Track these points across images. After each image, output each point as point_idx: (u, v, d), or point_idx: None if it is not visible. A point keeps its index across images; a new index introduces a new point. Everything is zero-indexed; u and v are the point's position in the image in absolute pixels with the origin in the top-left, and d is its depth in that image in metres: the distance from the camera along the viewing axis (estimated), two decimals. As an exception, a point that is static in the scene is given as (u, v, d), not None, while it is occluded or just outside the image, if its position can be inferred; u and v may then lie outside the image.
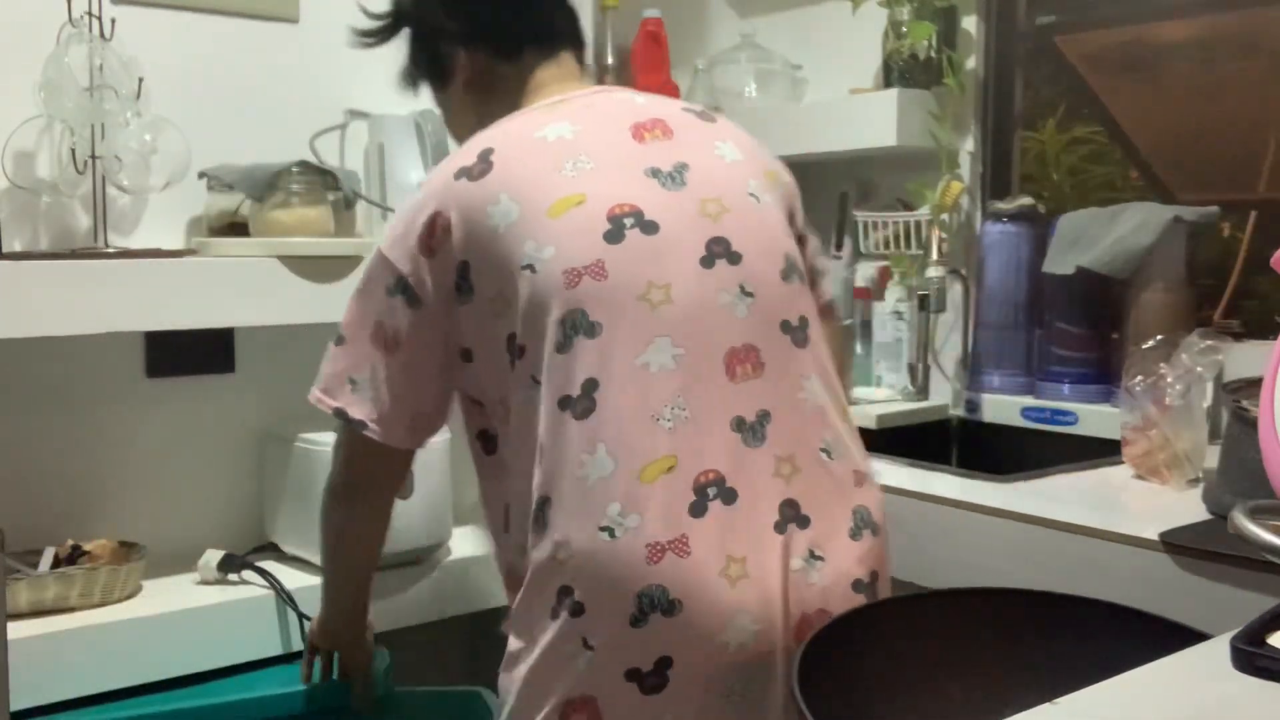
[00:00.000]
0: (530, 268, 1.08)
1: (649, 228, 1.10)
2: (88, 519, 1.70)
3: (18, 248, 1.62)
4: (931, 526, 1.37)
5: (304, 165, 1.71)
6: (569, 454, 1.05)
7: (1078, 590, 1.11)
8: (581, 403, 1.05)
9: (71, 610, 1.52)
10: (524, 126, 1.18)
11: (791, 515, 1.06)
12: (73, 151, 1.57)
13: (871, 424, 1.87)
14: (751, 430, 1.06)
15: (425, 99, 1.97)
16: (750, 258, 1.12)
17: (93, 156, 1.57)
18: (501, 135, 1.17)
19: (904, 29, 2.03)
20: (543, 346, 1.07)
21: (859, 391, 2.07)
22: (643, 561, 1.01)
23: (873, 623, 1.08)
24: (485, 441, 1.22)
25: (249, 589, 1.65)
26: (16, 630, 1.42)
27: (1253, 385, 1.16)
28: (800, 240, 1.23)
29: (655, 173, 1.14)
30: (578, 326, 1.06)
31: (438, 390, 1.21)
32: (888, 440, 1.82)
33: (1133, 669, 0.83)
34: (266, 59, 1.85)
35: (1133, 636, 1.00)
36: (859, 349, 2.17)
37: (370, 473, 1.28)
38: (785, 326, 1.12)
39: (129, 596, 1.59)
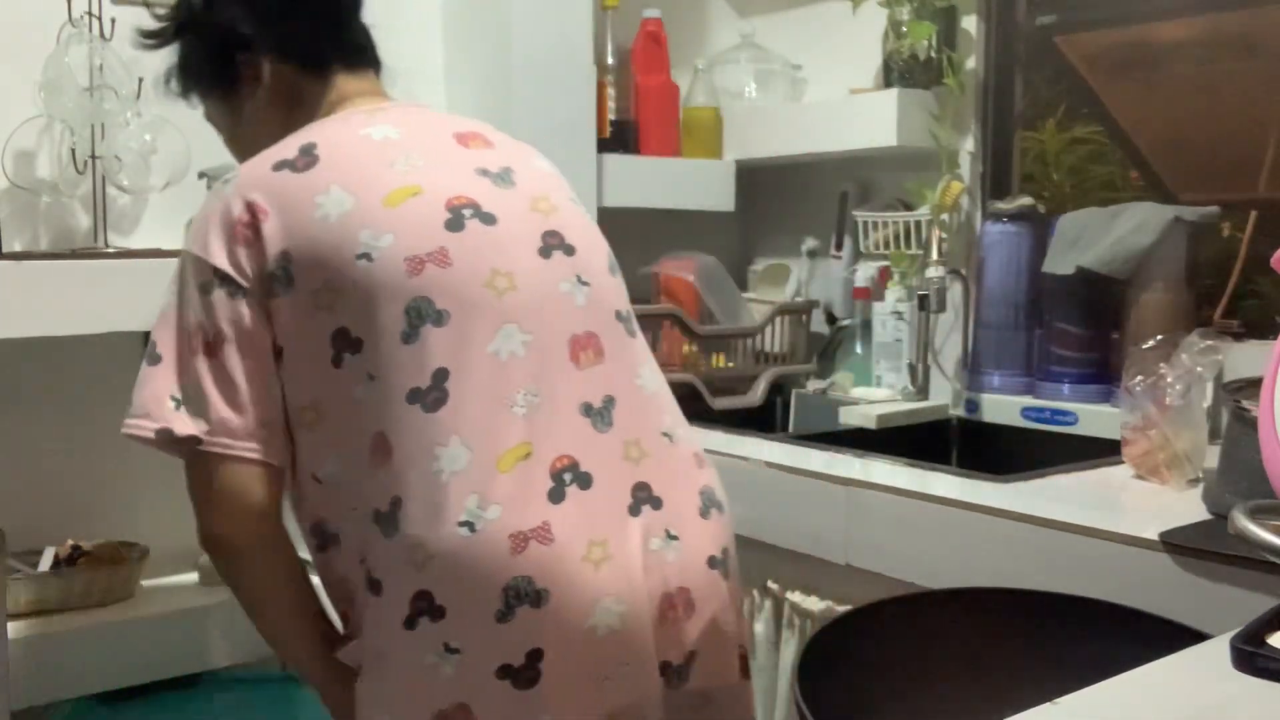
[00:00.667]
0: (366, 256, 1.05)
1: (487, 219, 1.10)
2: (88, 519, 1.70)
3: (18, 248, 1.62)
4: (931, 526, 1.37)
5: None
6: (420, 448, 1.01)
7: (1078, 590, 1.11)
8: (432, 394, 1.02)
9: (71, 610, 1.52)
10: (346, 126, 1.16)
11: (645, 497, 1.07)
12: (73, 151, 1.57)
13: (871, 424, 1.87)
14: (599, 415, 1.08)
15: (425, 99, 1.97)
16: (582, 250, 1.15)
17: (93, 156, 1.58)
18: (323, 132, 1.14)
19: (904, 29, 2.03)
20: (384, 339, 1.04)
21: (859, 391, 2.07)
22: (506, 553, 0.99)
23: (873, 623, 1.08)
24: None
25: (249, 589, 1.65)
26: (16, 630, 1.43)
27: (1253, 385, 1.15)
28: None
29: (485, 172, 1.15)
30: (424, 315, 1.04)
31: (279, 393, 1.09)
32: (887, 440, 1.82)
33: (1133, 669, 0.83)
34: (266, 59, 1.85)
35: (1133, 636, 1.01)
36: (859, 349, 2.17)
37: (230, 508, 1.08)
38: (618, 316, 1.15)
39: (129, 596, 1.59)
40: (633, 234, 2.23)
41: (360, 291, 1.05)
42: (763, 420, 2.17)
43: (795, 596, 1.56)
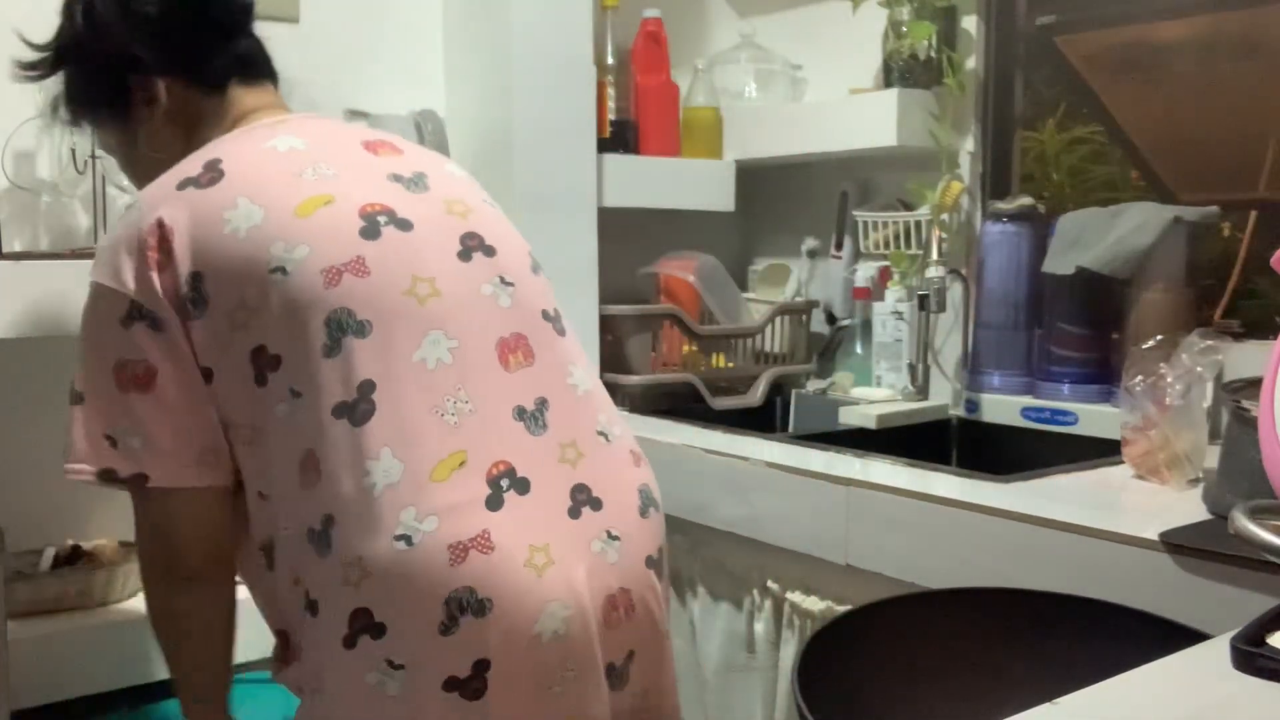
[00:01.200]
0: (281, 270, 1.02)
1: (403, 225, 1.08)
2: (88, 519, 1.70)
3: (18, 248, 1.62)
4: (931, 526, 1.37)
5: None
6: (350, 463, 0.99)
7: (1078, 590, 1.11)
8: (359, 407, 1.00)
9: (71, 610, 1.52)
10: (249, 140, 1.14)
11: (584, 499, 1.06)
12: (73, 151, 1.57)
13: (871, 424, 1.87)
14: (533, 418, 1.06)
15: (425, 99, 1.97)
16: (503, 251, 1.14)
17: (93, 156, 1.58)
18: (226, 147, 1.12)
19: (904, 29, 2.03)
20: (305, 354, 1.01)
21: (858, 391, 2.07)
22: (445, 565, 0.97)
23: (873, 623, 1.08)
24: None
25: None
26: (16, 630, 1.42)
27: (1253, 385, 1.15)
28: None
29: (397, 178, 1.13)
30: (345, 327, 1.01)
31: (214, 416, 1.06)
32: (887, 440, 1.82)
33: (1133, 669, 0.83)
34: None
35: (1133, 636, 1.01)
36: (859, 349, 2.17)
37: (185, 537, 1.08)
38: (545, 315, 1.14)
39: (129, 596, 1.59)
40: (633, 234, 2.24)
41: (276, 307, 1.02)
42: (763, 420, 2.17)
43: (795, 596, 1.56)
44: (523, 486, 1.02)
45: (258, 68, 1.25)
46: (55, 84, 1.29)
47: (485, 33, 1.91)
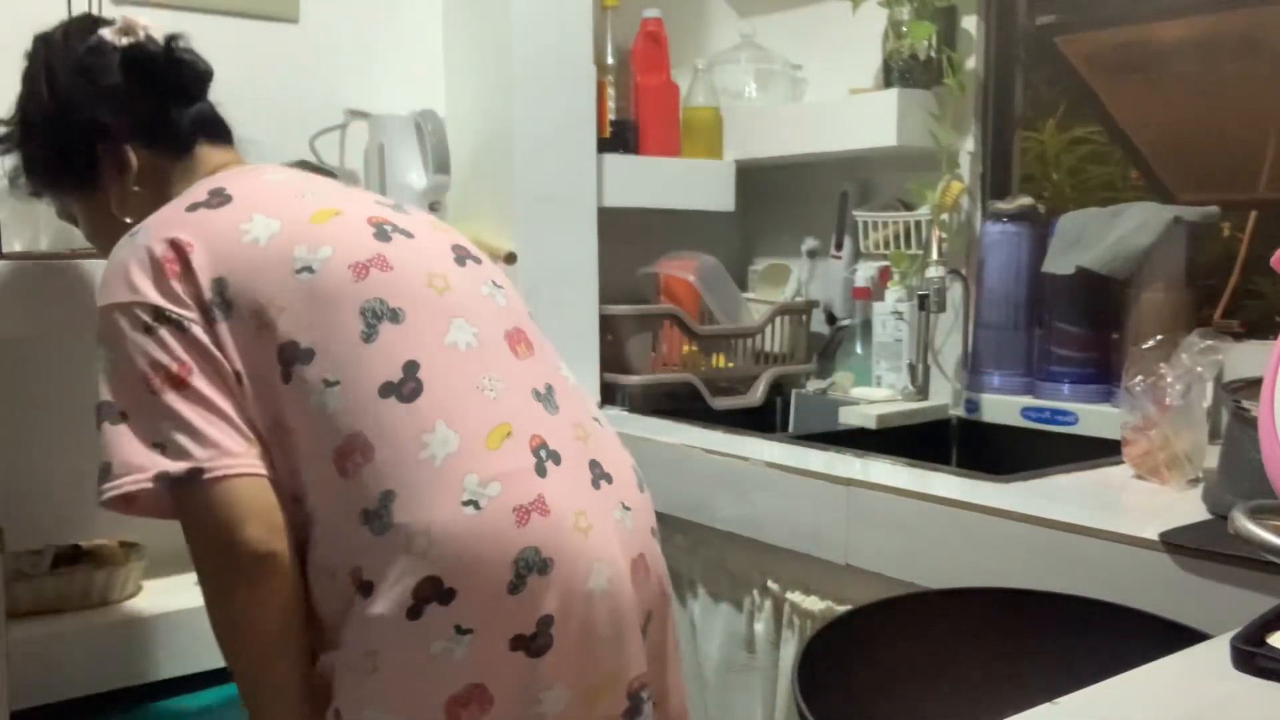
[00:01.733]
0: (308, 269, 1.07)
1: (406, 234, 1.16)
2: (88, 519, 1.70)
3: (18, 248, 1.62)
4: (931, 526, 1.37)
5: (304, 165, 1.71)
6: (405, 438, 1.03)
7: (1078, 590, 1.11)
8: (407, 385, 1.05)
9: (71, 610, 1.52)
10: (242, 173, 1.20)
11: (600, 473, 1.14)
12: (73, 151, 1.57)
13: (871, 424, 1.87)
14: (547, 400, 1.13)
15: (425, 99, 1.97)
16: (485, 262, 1.23)
17: (93, 156, 1.57)
18: (224, 179, 1.17)
19: (904, 29, 2.03)
20: (341, 342, 1.05)
21: (858, 391, 2.07)
22: (513, 526, 1.02)
23: (873, 623, 1.09)
24: None
25: (249, 589, 1.65)
26: (16, 630, 1.42)
27: (1253, 385, 1.16)
28: None
29: (381, 203, 1.21)
30: (380, 314, 1.07)
31: (248, 411, 1.08)
32: (887, 440, 1.82)
33: (1133, 669, 0.83)
34: (266, 59, 1.85)
35: (1133, 636, 1.01)
36: (859, 349, 2.17)
37: (244, 519, 1.04)
38: (530, 316, 1.23)
39: (129, 596, 1.59)
40: (633, 234, 2.24)
41: (307, 302, 1.06)
42: (763, 420, 2.17)
43: (795, 596, 1.56)
44: (556, 458, 1.09)
45: (220, 128, 1.31)
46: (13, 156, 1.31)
47: (485, 33, 1.91)
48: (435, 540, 1.00)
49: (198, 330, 1.06)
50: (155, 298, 1.06)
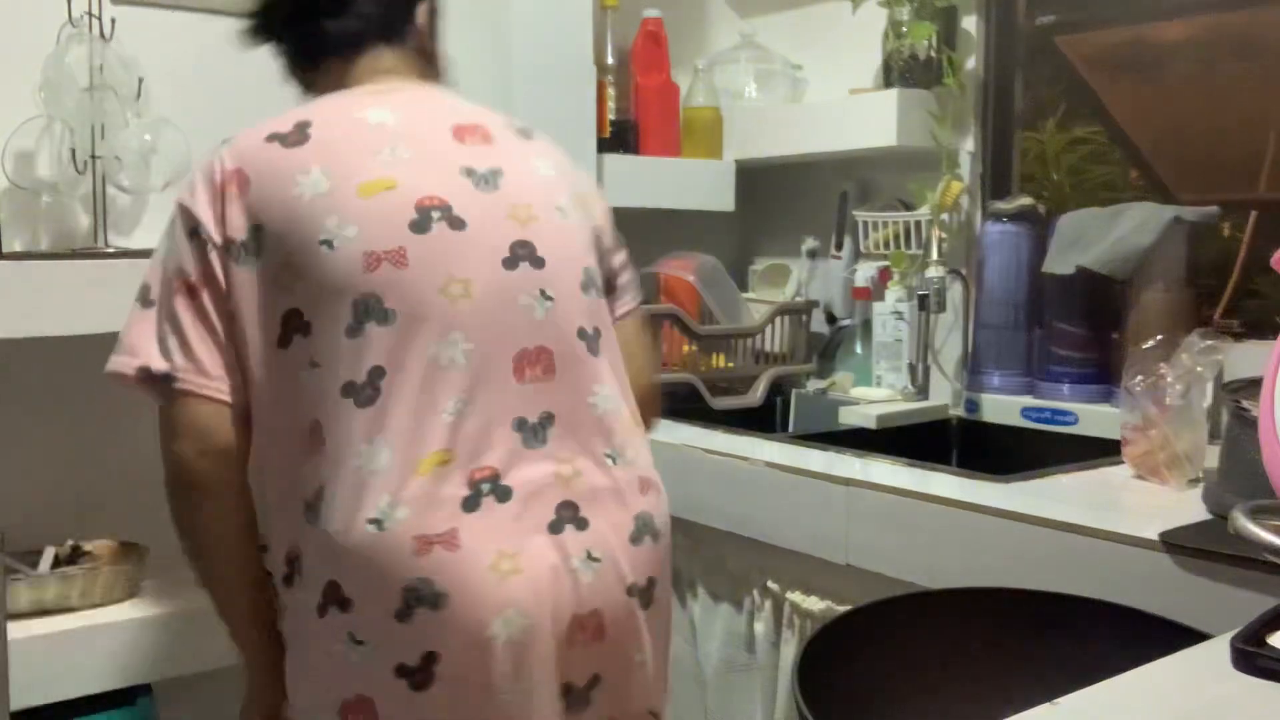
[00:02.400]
0: (328, 244, 1.07)
1: (456, 223, 1.11)
2: (88, 519, 1.70)
3: (18, 248, 1.62)
4: (931, 526, 1.37)
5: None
6: (347, 442, 1.04)
7: (1078, 590, 1.11)
8: (365, 391, 1.04)
9: (71, 610, 1.52)
10: (346, 105, 1.18)
11: (570, 516, 1.07)
12: (73, 151, 1.57)
13: (871, 424, 1.87)
14: (533, 431, 1.08)
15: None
16: (552, 264, 1.14)
17: (93, 156, 1.58)
18: (321, 110, 1.18)
19: (904, 29, 2.03)
20: (331, 329, 1.06)
21: (858, 391, 2.07)
22: (410, 554, 1.00)
23: (872, 623, 1.08)
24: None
25: (249, 589, 1.65)
26: (16, 630, 1.42)
27: (1253, 385, 1.15)
28: (607, 255, 1.27)
29: (470, 172, 1.15)
30: (370, 312, 1.06)
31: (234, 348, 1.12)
32: (888, 440, 1.82)
33: (1133, 669, 0.83)
34: (266, 59, 1.85)
35: (1133, 636, 1.01)
36: (859, 349, 2.17)
37: (196, 446, 1.10)
38: (582, 334, 1.14)
39: (129, 596, 1.59)
40: (633, 234, 2.22)
41: (316, 277, 1.07)
42: (763, 420, 2.17)
43: (795, 596, 1.56)
44: (504, 494, 1.05)
45: (357, 38, 1.26)
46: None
47: (485, 33, 1.91)
48: (340, 549, 1.02)
49: (216, 258, 1.09)
50: (202, 212, 1.11)
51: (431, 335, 1.06)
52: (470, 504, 1.03)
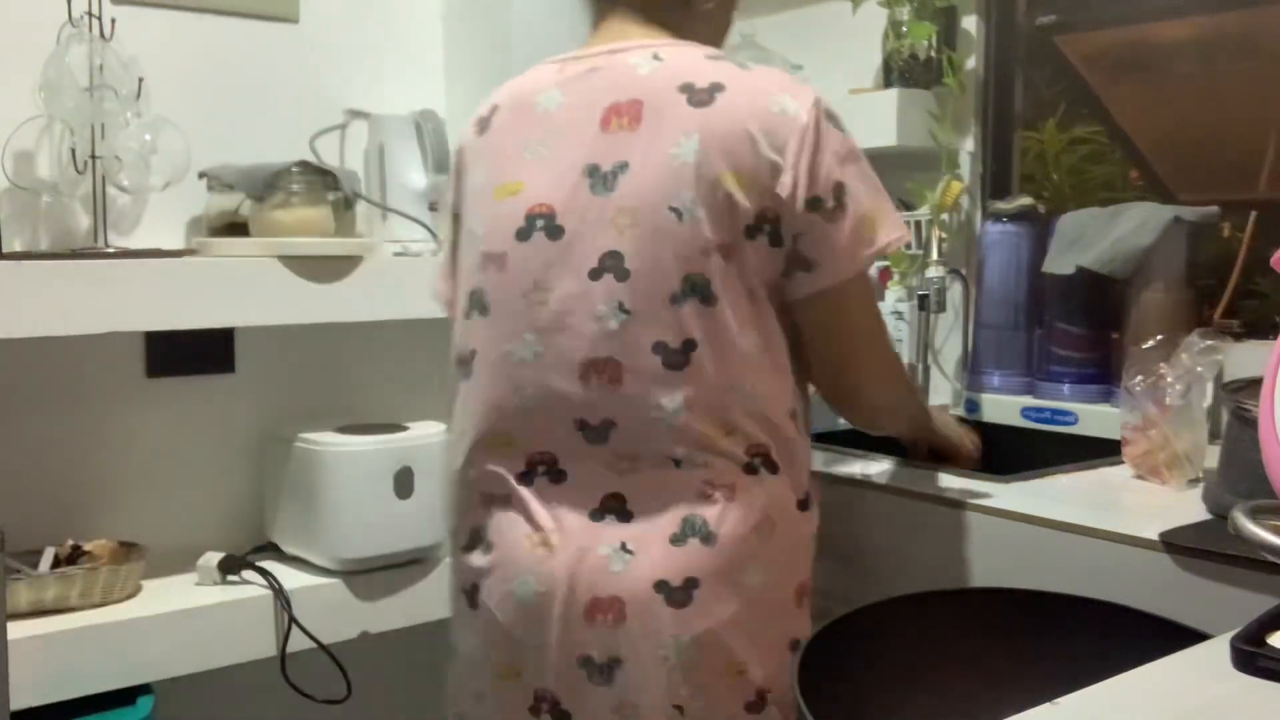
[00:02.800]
0: (470, 238, 1.25)
1: (554, 232, 1.17)
2: (88, 519, 1.70)
3: (18, 248, 1.62)
4: (932, 526, 1.37)
5: (304, 165, 1.71)
6: (454, 405, 1.26)
7: (1078, 590, 1.11)
8: (465, 367, 1.24)
9: (71, 610, 1.52)
10: (531, 86, 1.26)
11: (615, 508, 1.15)
12: (73, 151, 1.57)
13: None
14: (595, 431, 1.15)
15: (425, 99, 1.97)
16: (638, 276, 1.13)
17: (93, 156, 1.58)
18: (512, 90, 1.28)
19: (904, 29, 2.03)
20: (460, 308, 1.26)
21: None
22: (477, 505, 1.22)
23: (873, 623, 1.08)
24: None
25: (249, 589, 1.65)
26: (16, 630, 1.43)
27: (1253, 385, 1.15)
28: (769, 238, 1.15)
29: (592, 171, 1.16)
30: (476, 304, 1.23)
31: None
32: (888, 440, 1.81)
33: (1133, 669, 0.83)
34: (266, 59, 1.85)
35: (1133, 636, 1.01)
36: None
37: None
38: (658, 347, 1.13)
39: (129, 596, 1.59)
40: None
41: (462, 265, 1.27)
42: (763, 420, 2.16)
43: (795, 596, 1.56)
44: (558, 477, 1.17)
45: None
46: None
47: (485, 32, 1.91)
48: (448, 483, 1.29)
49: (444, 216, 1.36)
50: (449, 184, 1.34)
51: (511, 333, 1.19)
52: (526, 479, 1.18)
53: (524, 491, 1.17)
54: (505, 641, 1.19)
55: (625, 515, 1.14)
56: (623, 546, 1.13)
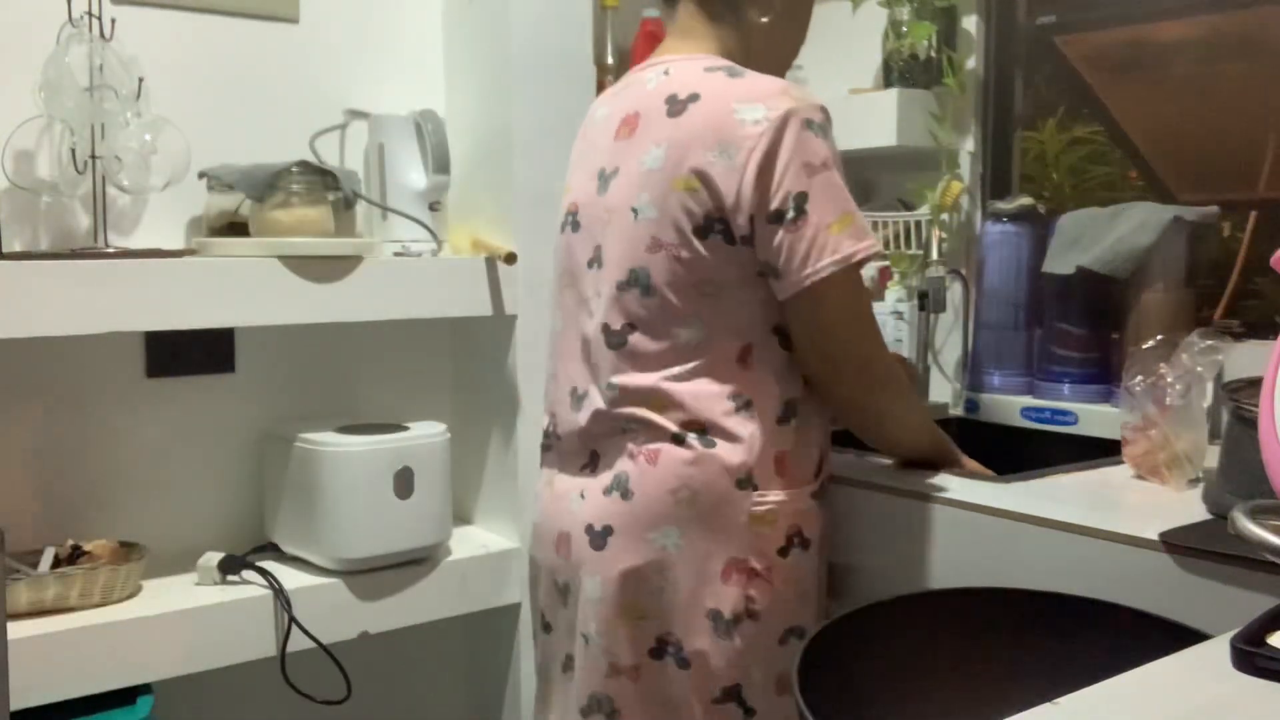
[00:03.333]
0: (560, 228, 1.44)
1: (576, 226, 1.39)
2: (88, 519, 1.70)
3: (18, 248, 1.62)
4: (932, 526, 1.37)
5: (304, 165, 1.71)
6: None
7: (1078, 590, 1.11)
8: (555, 330, 1.45)
9: (71, 610, 1.52)
10: (600, 100, 1.46)
11: (592, 464, 1.35)
12: (73, 151, 1.57)
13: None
14: (577, 400, 1.37)
15: (425, 99, 1.97)
16: (607, 267, 1.32)
17: (93, 156, 1.58)
18: (595, 104, 1.46)
19: (904, 29, 2.03)
20: (556, 284, 1.45)
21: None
22: (545, 448, 1.45)
23: (873, 623, 1.08)
24: None
25: (249, 589, 1.65)
26: (16, 630, 1.42)
27: (1253, 385, 1.15)
28: (720, 238, 1.24)
29: (600, 174, 1.35)
30: (562, 280, 1.42)
31: None
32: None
33: (1133, 669, 0.83)
34: (266, 59, 1.85)
35: (1133, 636, 1.01)
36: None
37: None
38: (605, 329, 1.32)
39: (129, 596, 1.59)
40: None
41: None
42: (763, 420, 2.16)
43: (795, 596, 1.56)
44: (560, 439, 1.40)
45: None
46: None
47: (485, 32, 1.91)
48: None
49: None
50: None
51: (554, 309, 1.43)
52: (548, 443, 1.43)
53: (548, 454, 1.43)
54: (540, 561, 1.43)
55: (595, 470, 1.34)
56: (581, 495, 1.34)
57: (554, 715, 1.44)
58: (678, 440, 1.27)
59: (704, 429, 1.26)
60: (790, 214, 1.21)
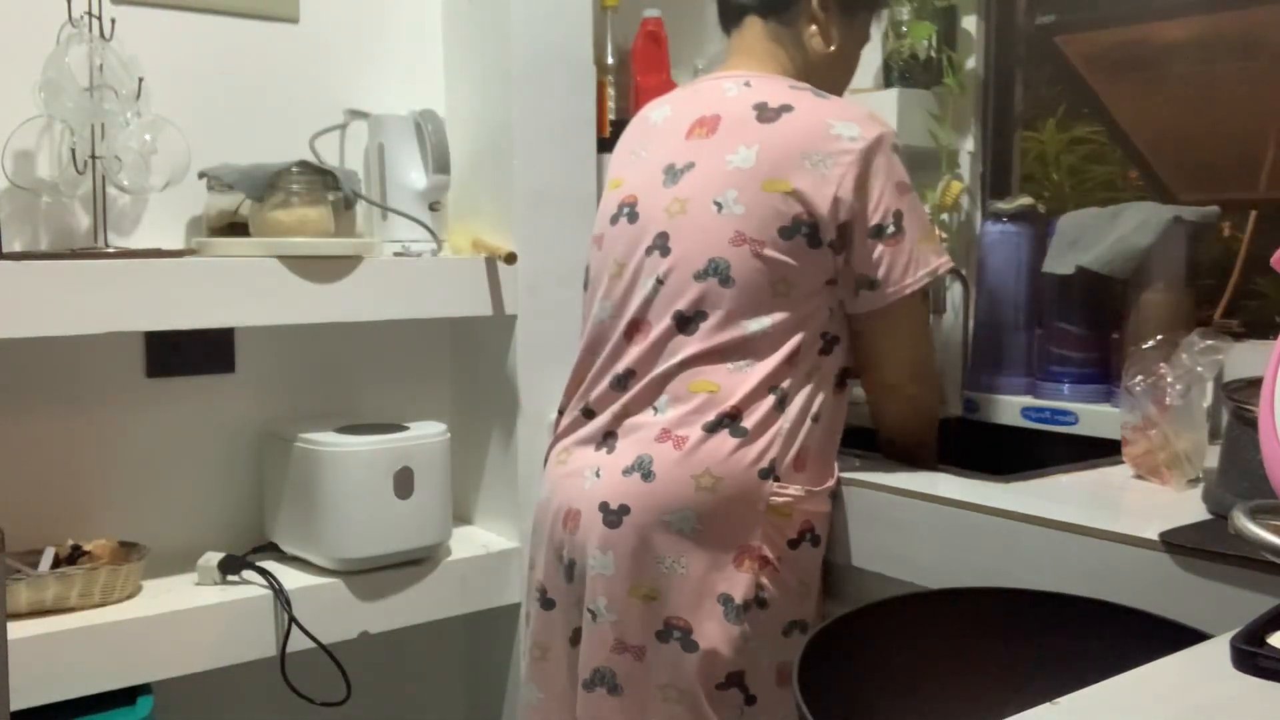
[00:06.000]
0: (596, 223, 1.53)
1: (633, 217, 1.44)
2: (88, 519, 1.70)
3: (18, 248, 1.62)
4: (931, 526, 1.37)
5: (304, 165, 1.71)
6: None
7: (1078, 590, 1.11)
8: (585, 326, 1.51)
9: (71, 610, 1.52)
10: (655, 104, 1.55)
11: (611, 443, 1.40)
12: (73, 151, 1.57)
13: (871, 423, 1.87)
14: (618, 380, 1.42)
15: (425, 99, 1.97)
16: (676, 255, 1.38)
17: (93, 156, 1.58)
18: (640, 112, 1.56)
19: (904, 29, 2.03)
20: (588, 279, 1.53)
21: (859, 392, 2.06)
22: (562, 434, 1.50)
23: (873, 622, 1.08)
24: None
25: (249, 589, 1.65)
26: (16, 630, 1.43)
27: (1253, 385, 1.15)
28: (803, 245, 1.35)
29: (669, 169, 1.42)
30: (588, 277, 1.53)
31: None
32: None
33: (1133, 669, 0.83)
34: (266, 59, 1.85)
35: (1133, 636, 1.01)
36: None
37: None
38: (677, 315, 1.37)
39: (129, 596, 1.59)
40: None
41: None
42: (763, 420, 2.16)
43: (795, 596, 1.56)
44: (589, 415, 1.46)
45: (737, 10, 1.52)
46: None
47: (485, 32, 1.91)
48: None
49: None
50: None
51: (598, 300, 1.47)
52: (579, 419, 1.46)
53: (576, 426, 1.46)
54: (533, 538, 1.49)
55: (612, 448, 1.39)
56: (596, 472, 1.38)
57: (542, 694, 1.44)
58: (712, 428, 1.33)
59: (739, 419, 1.33)
60: (890, 229, 1.35)
